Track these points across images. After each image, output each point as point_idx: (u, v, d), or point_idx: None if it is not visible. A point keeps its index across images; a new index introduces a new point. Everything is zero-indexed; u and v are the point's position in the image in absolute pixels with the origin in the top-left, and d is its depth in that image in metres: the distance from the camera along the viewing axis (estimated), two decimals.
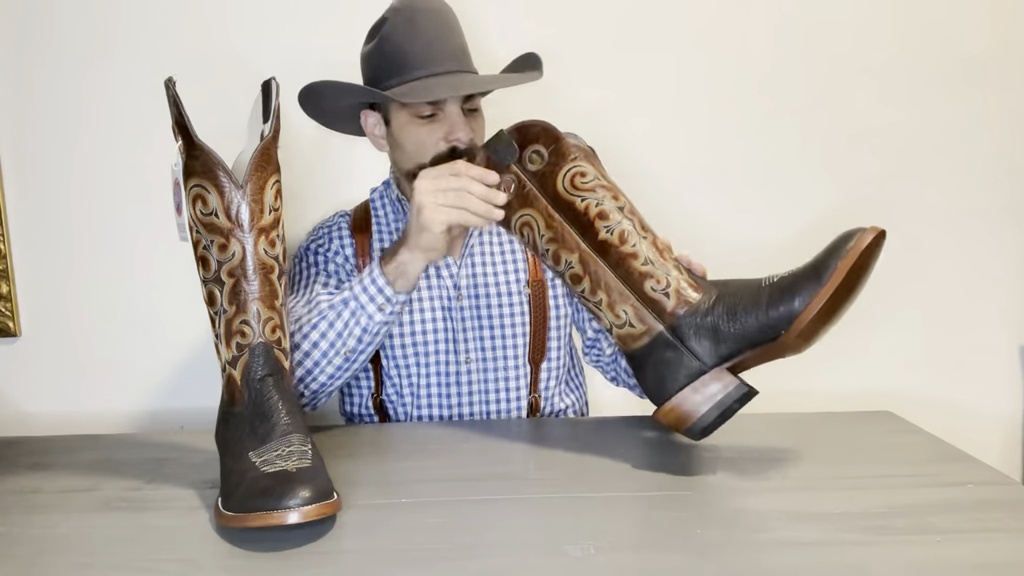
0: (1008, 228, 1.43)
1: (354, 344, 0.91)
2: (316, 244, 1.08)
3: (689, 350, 0.77)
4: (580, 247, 0.81)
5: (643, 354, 0.80)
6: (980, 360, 1.46)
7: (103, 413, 1.40)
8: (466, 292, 1.06)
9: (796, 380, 1.43)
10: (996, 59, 1.38)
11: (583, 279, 0.81)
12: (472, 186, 0.83)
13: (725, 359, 0.76)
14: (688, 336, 0.77)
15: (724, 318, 0.75)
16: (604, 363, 1.12)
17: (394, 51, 0.99)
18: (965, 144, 1.40)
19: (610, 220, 0.81)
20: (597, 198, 0.81)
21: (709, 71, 1.36)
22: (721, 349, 0.76)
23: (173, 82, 0.75)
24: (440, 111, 0.99)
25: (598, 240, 0.80)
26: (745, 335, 0.74)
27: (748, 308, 0.74)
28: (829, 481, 0.78)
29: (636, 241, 0.80)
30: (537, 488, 0.78)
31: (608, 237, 0.80)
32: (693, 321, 0.77)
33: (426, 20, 0.98)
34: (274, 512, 0.65)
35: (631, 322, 0.79)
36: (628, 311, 0.79)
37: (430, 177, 0.86)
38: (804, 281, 0.72)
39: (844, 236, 0.73)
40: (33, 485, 0.82)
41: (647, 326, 0.79)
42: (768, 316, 0.73)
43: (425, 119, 0.99)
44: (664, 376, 0.78)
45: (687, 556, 0.64)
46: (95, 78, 1.31)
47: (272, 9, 1.31)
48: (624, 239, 0.80)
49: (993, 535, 0.66)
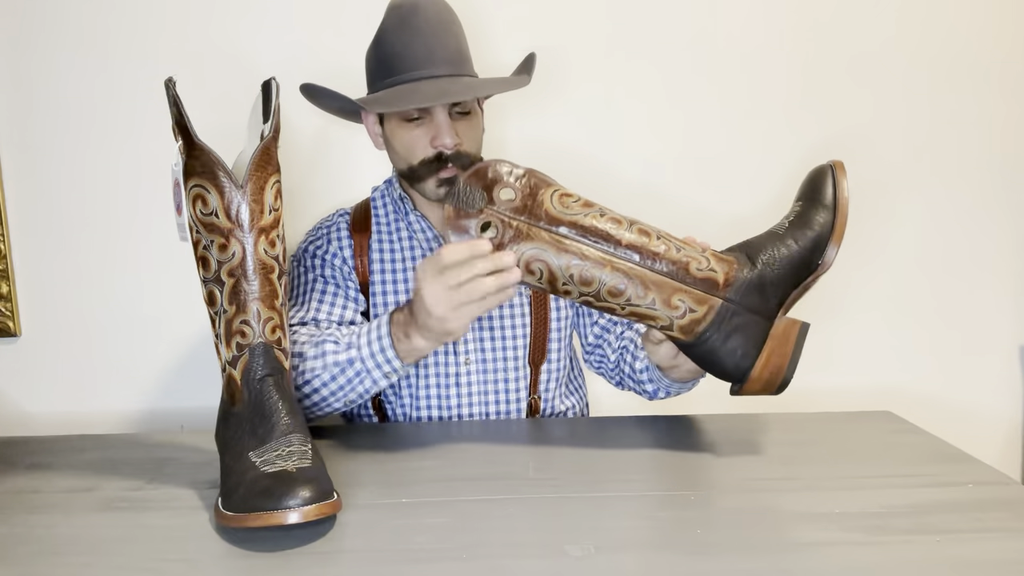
0: (1008, 228, 1.43)
1: (355, 397, 0.91)
2: (314, 247, 1.08)
3: (750, 310, 0.79)
4: (609, 259, 0.78)
5: (710, 336, 0.79)
6: (980, 360, 1.46)
7: (103, 413, 1.40)
8: None
9: (796, 380, 1.43)
10: (996, 56, 1.38)
11: (626, 289, 0.78)
12: (475, 268, 0.77)
13: (780, 305, 0.80)
14: (745, 298, 0.79)
15: (767, 268, 0.79)
16: (608, 368, 1.11)
17: (387, 52, 0.98)
18: (965, 143, 1.40)
19: (623, 224, 0.79)
20: (596, 210, 0.80)
21: (707, 70, 1.36)
22: (774, 298, 0.79)
23: (173, 82, 0.75)
24: (427, 114, 0.98)
25: (624, 244, 0.79)
26: (788, 277, 0.79)
27: (782, 252, 0.79)
28: (829, 481, 0.78)
29: (656, 234, 0.80)
30: (537, 488, 0.78)
31: (633, 239, 0.79)
32: (743, 282, 0.79)
33: (421, 20, 0.97)
34: (274, 512, 0.65)
35: (691, 307, 0.79)
36: (685, 299, 0.79)
37: (430, 280, 0.79)
38: (813, 212, 0.79)
39: (817, 171, 0.81)
40: (33, 485, 0.82)
41: (708, 304, 0.79)
42: (802, 249, 0.79)
43: (414, 122, 0.99)
44: (737, 350, 0.79)
45: (688, 556, 0.64)
46: (95, 78, 1.31)
47: (272, 9, 1.31)
48: (647, 234, 0.80)
49: (993, 535, 0.66)
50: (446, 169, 0.98)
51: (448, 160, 0.98)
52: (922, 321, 1.45)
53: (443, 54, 0.97)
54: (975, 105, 1.39)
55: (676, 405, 1.07)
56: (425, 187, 1.02)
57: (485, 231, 0.80)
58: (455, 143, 0.97)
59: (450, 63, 0.98)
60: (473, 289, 0.77)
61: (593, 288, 0.79)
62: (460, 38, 1.01)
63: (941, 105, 1.39)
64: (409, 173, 1.02)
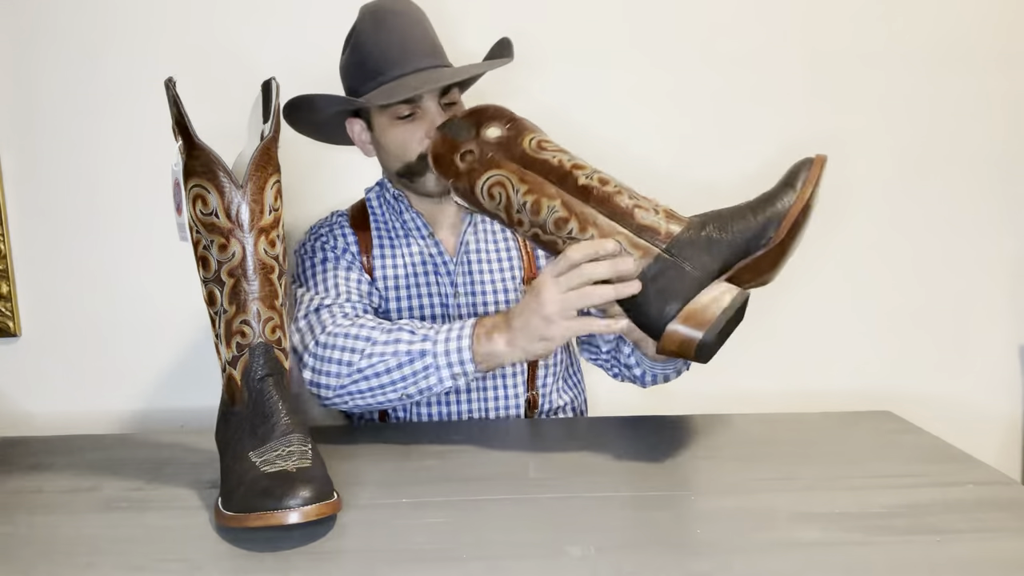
0: (1007, 228, 1.43)
1: (414, 392, 0.90)
2: (320, 242, 1.08)
3: (688, 265, 0.78)
4: (561, 193, 0.82)
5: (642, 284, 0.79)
6: (980, 360, 1.46)
7: (103, 413, 1.40)
8: (463, 289, 1.06)
9: (796, 380, 1.43)
10: (997, 56, 1.38)
11: (569, 220, 0.81)
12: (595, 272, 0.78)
13: (721, 271, 0.78)
14: (685, 252, 0.78)
15: (716, 231, 0.78)
16: (603, 360, 1.11)
17: (366, 56, 1.00)
18: (965, 143, 1.40)
19: (587, 169, 0.83)
20: (567, 156, 0.84)
21: (699, 64, 1.36)
22: (716, 260, 0.78)
23: (173, 82, 0.75)
24: (418, 109, 0.99)
25: (579, 185, 0.82)
26: (736, 243, 0.78)
27: (736, 220, 0.79)
28: (829, 481, 0.78)
29: (616, 183, 0.82)
30: (537, 488, 0.78)
31: (589, 182, 0.82)
32: (688, 237, 0.79)
33: (394, 21, 1.00)
34: (274, 512, 0.65)
35: (626, 250, 0.79)
36: (622, 240, 0.80)
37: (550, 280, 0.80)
38: (781, 192, 0.79)
39: (800, 162, 0.80)
40: (34, 485, 0.82)
41: (642, 250, 0.79)
42: (756, 221, 0.78)
43: (404, 119, 1.00)
44: (664, 299, 0.78)
45: (687, 556, 0.64)
46: (95, 78, 1.31)
47: (273, 9, 1.31)
48: (605, 181, 0.82)
49: (993, 535, 0.66)
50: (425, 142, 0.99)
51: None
52: (922, 321, 1.45)
53: (421, 48, 1.00)
54: (973, 106, 1.39)
55: (676, 406, 1.07)
56: (426, 182, 1.02)
57: (464, 160, 0.86)
58: None
59: (429, 55, 1.00)
60: (589, 294, 0.79)
61: (541, 218, 0.82)
62: (433, 32, 1.04)
63: (940, 106, 1.39)
64: (406, 171, 1.03)
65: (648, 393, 1.08)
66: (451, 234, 1.09)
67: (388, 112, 1.00)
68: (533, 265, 1.09)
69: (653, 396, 1.10)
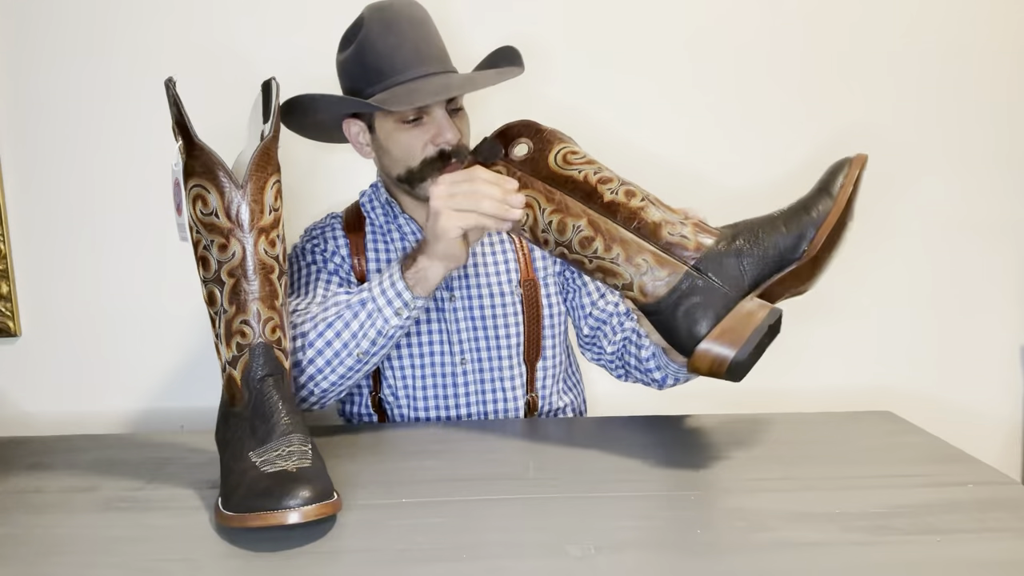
0: (1008, 228, 1.43)
1: (367, 346, 0.90)
2: (312, 244, 1.08)
3: (717, 282, 0.76)
4: (587, 212, 0.81)
5: (669, 302, 0.77)
6: (980, 360, 1.46)
7: (103, 413, 1.40)
8: (459, 293, 1.06)
9: (796, 380, 1.43)
10: (999, 59, 1.38)
11: (595, 239, 0.80)
12: (484, 188, 0.82)
13: (753, 287, 0.76)
14: (714, 268, 0.76)
15: (747, 245, 0.76)
16: (607, 360, 1.11)
17: (375, 58, 0.98)
18: (966, 144, 1.40)
19: (613, 183, 0.81)
20: (594, 168, 0.83)
21: (701, 66, 1.36)
22: (748, 276, 0.75)
23: (173, 82, 0.75)
24: (426, 114, 0.98)
25: (605, 202, 0.80)
26: (768, 257, 0.75)
27: (768, 232, 0.76)
28: (829, 481, 0.78)
29: (643, 196, 0.81)
30: (537, 488, 0.78)
31: (615, 197, 0.80)
32: (717, 253, 0.76)
33: (404, 24, 0.98)
34: (274, 512, 0.65)
35: (653, 267, 0.78)
36: (648, 258, 0.78)
37: (445, 183, 0.84)
38: (816, 198, 0.76)
39: (838, 163, 0.77)
40: (34, 485, 0.82)
41: (670, 267, 0.77)
42: (789, 232, 0.75)
43: (411, 123, 0.99)
44: (695, 317, 0.75)
45: (687, 556, 0.64)
46: (95, 78, 1.31)
47: (273, 9, 1.31)
48: (631, 195, 0.80)
49: (993, 535, 0.66)
50: (450, 166, 0.98)
51: (451, 156, 0.98)
52: (922, 321, 1.45)
53: (430, 53, 0.99)
54: (979, 107, 1.39)
55: (676, 405, 1.07)
56: (425, 187, 1.01)
57: None
58: (458, 139, 0.98)
59: (438, 60, 1.00)
60: (472, 201, 0.82)
61: (567, 237, 0.81)
62: (438, 36, 1.03)
63: (944, 107, 1.39)
64: (408, 176, 1.02)
65: (647, 394, 1.08)
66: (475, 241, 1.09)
67: (393, 116, 0.98)
68: (529, 268, 1.09)
69: (653, 397, 1.10)
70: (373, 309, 0.89)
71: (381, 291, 0.89)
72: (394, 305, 0.88)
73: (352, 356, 0.90)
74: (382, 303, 0.89)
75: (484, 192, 0.82)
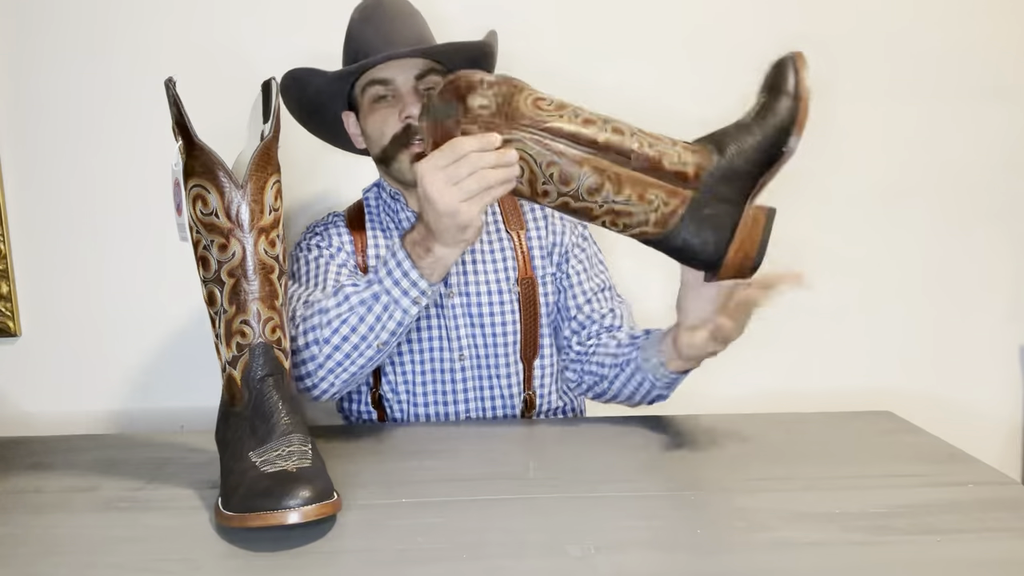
0: (1008, 228, 1.43)
1: (387, 337, 0.89)
2: (315, 240, 1.09)
3: (721, 199, 0.79)
4: (586, 157, 0.79)
5: (683, 226, 0.80)
6: (980, 360, 1.46)
7: (103, 413, 1.40)
8: (457, 289, 1.06)
9: (796, 380, 1.43)
10: (998, 63, 1.38)
11: (604, 185, 0.79)
12: (483, 160, 0.77)
13: (748, 194, 0.80)
14: (716, 188, 0.79)
15: (737, 159, 0.79)
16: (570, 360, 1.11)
17: (352, 47, 1.03)
18: (965, 144, 1.40)
19: (597, 123, 0.80)
20: (571, 110, 0.80)
21: (698, 68, 1.36)
22: (745, 185, 0.80)
23: (173, 82, 0.75)
24: (392, 93, 1.00)
25: (600, 143, 0.79)
26: (756, 166, 0.79)
27: (749, 142, 0.79)
28: (829, 481, 0.78)
29: (630, 131, 0.80)
30: (537, 488, 0.78)
31: (608, 137, 0.79)
32: (713, 173, 0.79)
33: (381, 13, 1.02)
34: (274, 512, 0.65)
35: (664, 200, 0.79)
36: (659, 193, 0.79)
37: (439, 168, 0.78)
38: (775, 100, 0.79)
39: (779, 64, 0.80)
40: (34, 485, 0.82)
41: (680, 196, 0.79)
42: (767, 139, 0.79)
43: (381, 101, 1.01)
44: (712, 236, 0.80)
45: (687, 556, 0.64)
46: (95, 78, 1.31)
47: (273, 9, 1.31)
48: (620, 132, 0.80)
49: (993, 535, 0.66)
50: (416, 143, 0.99)
51: (417, 132, 0.98)
52: (922, 321, 1.45)
53: (404, 36, 1.00)
54: (976, 106, 1.39)
55: (676, 406, 1.07)
56: (401, 168, 1.02)
57: None
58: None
59: (409, 44, 1.00)
60: (479, 179, 0.77)
61: (572, 187, 0.80)
62: (422, 27, 1.04)
63: (942, 107, 1.39)
64: (383, 156, 1.03)
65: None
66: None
67: (367, 97, 1.02)
68: (528, 266, 1.09)
69: None
70: (389, 301, 0.87)
71: (394, 282, 0.86)
72: (411, 295, 0.86)
73: (372, 348, 0.89)
74: (397, 294, 0.86)
75: (482, 163, 0.77)
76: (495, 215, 1.11)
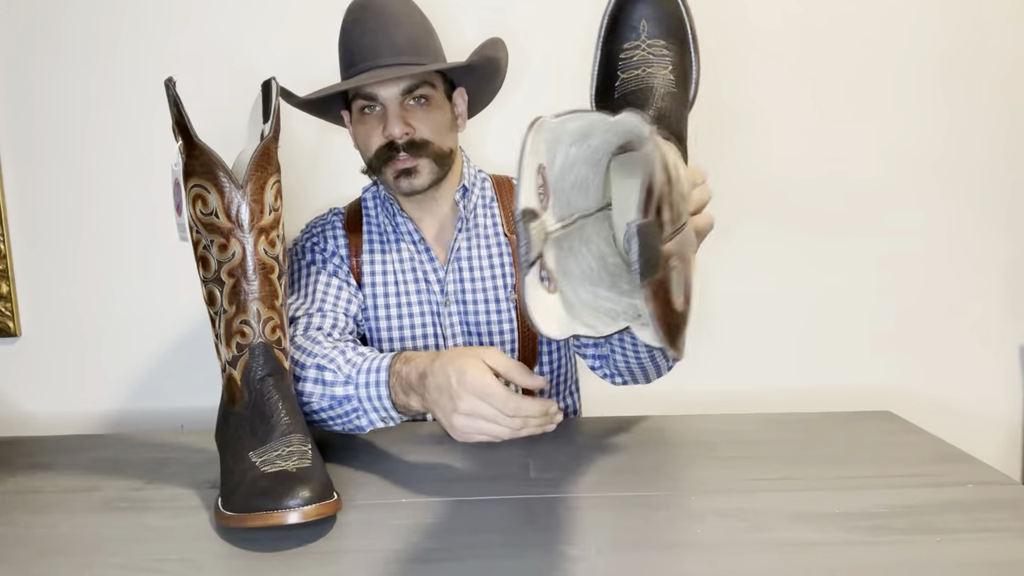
0: (1007, 228, 1.43)
1: (352, 428, 0.88)
2: (311, 243, 1.08)
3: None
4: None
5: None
6: (980, 360, 1.46)
7: (103, 413, 1.40)
8: (453, 298, 1.06)
9: (796, 380, 1.44)
10: (995, 63, 1.38)
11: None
12: (527, 425, 0.80)
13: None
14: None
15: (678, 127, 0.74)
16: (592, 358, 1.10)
17: (343, 50, 1.01)
18: (963, 144, 1.40)
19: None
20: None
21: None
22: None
23: (173, 82, 0.75)
24: (380, 105, 0.98)
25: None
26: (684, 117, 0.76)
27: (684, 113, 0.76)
28: (829, 481, 0.78)
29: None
30: (537, 488, 0.78)
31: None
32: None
33: (370, 16, 0.98)
34: (274, 512, 0.65)
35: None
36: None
37: (469, 397, 0.78)
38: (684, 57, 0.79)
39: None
40: (34, 485, 0.82)
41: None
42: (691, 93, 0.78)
43: (368, 113, 1.00)
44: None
45: (687, 556, 0.64)
46: (96, 78, 1.31)
47: (273, 9, 1.31)
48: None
49: (993, 535, 0.66)
50: (399, 159, 0.98)
51: (401, 149, 0.98)
52: (922, 321, 1.45)
53: (392, 44, 0.97)
54: (976, 105, 1.39)
55: (676, 405, 1.07)
56: (385, 180, 1.02)
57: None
58: (403, 131, 0.97)
59: (398, 54, 0.97)
60: (499, 434, 0.80)
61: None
62: (415, 29, 1.00)
63: (943, 106, 1.39)
64: (369, 167, 1.03)
65: (647, 394, 1.08)
66: (442, 240, 1.08)
67: (355, 106, 1.01)
68: None
69: (652, 397, 1.10)
70: (359, 408, 0.86)
71: (367, 397, 0.85)
72: (380, 414, 0.86)
73: (336, 428, 0.89)
74: (367, 407, 0.86)
75: (521, 428, 0.80)
76: (495, 217, 1.10)
